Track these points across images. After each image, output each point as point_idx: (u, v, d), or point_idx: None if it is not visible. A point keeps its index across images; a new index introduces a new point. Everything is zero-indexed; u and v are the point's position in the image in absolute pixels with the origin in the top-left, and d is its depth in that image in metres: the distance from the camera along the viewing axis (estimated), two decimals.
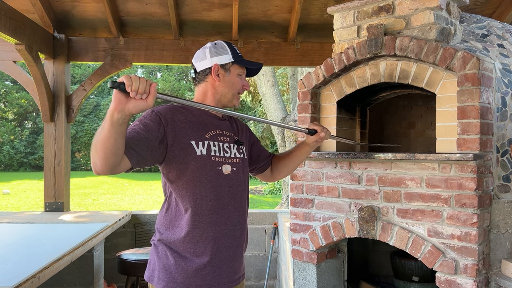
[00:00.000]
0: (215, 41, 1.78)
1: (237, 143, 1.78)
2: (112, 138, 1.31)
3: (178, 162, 1.61)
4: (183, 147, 1.61)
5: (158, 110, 1.63)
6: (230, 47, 1.76)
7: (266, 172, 2.05)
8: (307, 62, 4.77)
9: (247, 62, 1.79)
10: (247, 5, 4.29)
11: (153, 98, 1.28)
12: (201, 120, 1.71)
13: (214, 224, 1.65)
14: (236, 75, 1.76)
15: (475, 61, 2.05)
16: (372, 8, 2.49)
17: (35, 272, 2.24)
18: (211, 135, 1.70)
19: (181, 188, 1.63)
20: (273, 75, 10.10)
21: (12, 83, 25.77)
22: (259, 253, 4.45)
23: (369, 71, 2.49)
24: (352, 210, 2.46)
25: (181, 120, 1.64)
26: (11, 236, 3.23)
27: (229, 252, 1.70)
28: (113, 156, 1.35)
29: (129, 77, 1.24)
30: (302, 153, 2.01)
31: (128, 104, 1.26)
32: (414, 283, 2.77)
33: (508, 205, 2.16)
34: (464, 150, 2.08)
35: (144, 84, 1.25)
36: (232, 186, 1.71)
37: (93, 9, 4.29)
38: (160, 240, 1.68)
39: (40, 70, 4.06)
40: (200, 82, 1.76)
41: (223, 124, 1.79)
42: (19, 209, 11.49)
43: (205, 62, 1.73)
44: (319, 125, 1.93)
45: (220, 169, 1.68)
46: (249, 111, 19.68)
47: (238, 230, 1.73)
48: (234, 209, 1.71)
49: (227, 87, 1.74)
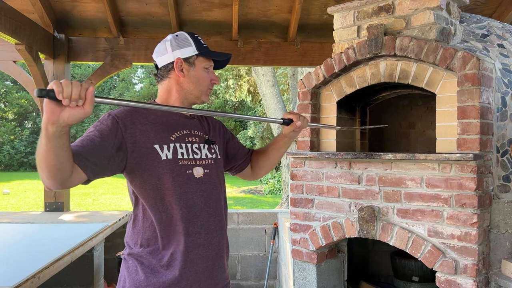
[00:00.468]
0: (176, 33, 1.62)
1: (207, 142, 1.63)
2: (52, 153, 1.17)
3: (142, 169, 1.46)
4: (146, 152, 1.46)
5: (116, 113, 1.47)
6: (194, 38, 1.60)
7: (246, 170, 1.89)
8: (307, 62, 4.78)
9: (213, 53, 1.63)
10: (247, 5, 4.29)
11: (90, 105, 1.12)
12: (165, 121, 1.55)
13: (186, 234, 1.49)
14: (202, 69, 1.59)
15: (475, 61, 2.05)
16: (372, 8, 2.49)
17: (35, 272, 2.24)
18: (177, 136, 1.55)
19: (147, 197, 1.48)
20: (273, 75, 10.11)
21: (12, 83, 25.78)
22: (259, 253, 4.45)
23: (369, 71, 2.49)
24: (352, 210, 2.46)
25: (142, 122, 1.49)
26: (11, 236, 3.23)
27: (207, 263, 1.55)
28: (59, 171, 1.23)
29: (59, 82, 1.07)
30: (280, 145, 1.82)
31: (63, 114, 1.10)
32: (414, 283, 2.77)
33: (508, 205, 2.16)
34: (464, 150, 2.08)
35: (78, 88, 1.09)
36: (206, 190, 1.56)
37: (93, 9, 4.29)
38: (130, 254, 1.53)
39: (40, 70, 4.06)
40: (162, 79, 1.60)
41: (191, 123, 1.63)
42: (19, 209, 11.49)
43: (167, 56, 1.57)
44: (294, 114, 1.72)
45: (190, 172, 1.53)
46: (249, 111, 19.68)
47: (215, 238, 1.58)
48: (209, 216, 1.56)
49: (193, 83, 1.58)
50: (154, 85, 27.76)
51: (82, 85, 1.11)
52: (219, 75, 14.36)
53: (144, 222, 1.51)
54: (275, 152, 1.85)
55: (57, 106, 1.09)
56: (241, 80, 14.35)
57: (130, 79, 30.57)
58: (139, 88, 30.33)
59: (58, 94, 1.07)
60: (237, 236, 4.42)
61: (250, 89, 14.11)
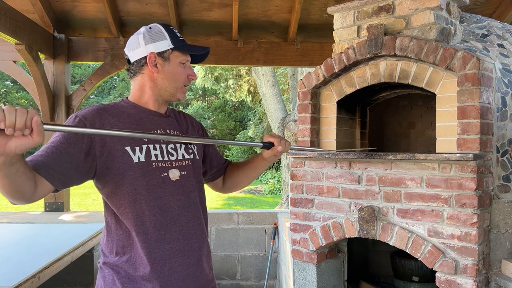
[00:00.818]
0: (150, 25, 1.50)
1: (185, 142, 1.53)
2: (7, 179, 1.10)
3: (113, 174, 1.36)
4: (117, 155, 1.36)
5: (83, 114, 1.37)
6: (169, 30, 1.48)
7: (217, 181, 1.76)
8: (307, 62, 4.78)
9: (189, 47, 1.51)
10: (247, 5, 4.29)
11: (39, 134, 1.01)
12: (137, 120, 1.44)
13: (162, 241, 1.41)
14: (178, 64, 1.48)
15: (475, 61, 2.05)
16: (372, 8, 2.49)
17: (35, 272, 2.24)
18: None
19: (119, 204, 1.38)
20: (273, 75, 10.12)
21: (12, 83, 25.78)
22: (259, 253, 4.45)
23: (369, 71, 2.49)
24: (352, 210, 2.46)
25: (112, 123, 1.39)
26: (11, 236, 3.23)
27: (188, 270, 1.46)
28: (18, 193, 1.16)
29: (0, 110, 0.97)
30: (257, 166, 1.69)
31: (10, 144, 1.00)
32: (414, 283, 2.77)
33: (508, 205, 2.16)
34: (464, 150, 2.07)
35: (23, 117, 0.98)
36: (183, 193, 1.46)
37: (93, 9, 4.29)
38: (105, 264, 1.44)
39: (40, 70, 4.06)
40: (135, 74, 1.48)
41: (166, 122, 1.51)
42: (19, 209, 11.49)
43: (139, 50, 1.45)
44: (276, 137, 1.58)
45: (166, 175, 1.43)
46: (249, 111, 19.68)
47: (195, 243, 1.48)
48: (188, 220, 1.47)
49: (167, 79, 1.47)
50: None
51: (28, 112, 0.99)
52: (219, 75, 14.37)
53: (117, 229, 1.42)
54: (250, 171, 1.73)
55: (2, 137, 0.99)
56: (241, 80, 14.35)
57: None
58: None
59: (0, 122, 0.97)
60: (237, 236, 4.42)
61: (250, 89, 14.12)
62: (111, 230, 1.44)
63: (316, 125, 2.72)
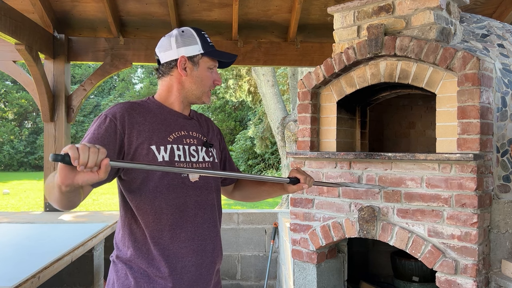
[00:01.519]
0: (182, 28, 1.55)
1: (205, 145, 1.57)
2: (66, 200, 1.20)
3: (139, 171, 1.41)
4: (143, 153, 1.41)
5: (113, 114, 1.42)
6: (200, 35, 1.53)
7: (228, 187, 1.81)
8: (307, 62, 4.78)
9: (219, 53, 1.57)
10: (247, 5, 4.29)
11: (105, 173, 1.10)
12: (163, 120, 1.50)
13: (177, 240, 1.45)
14: (206, 69, 1.54)
15: (475, 61, 2.05)
16: (372, 8, 2.49)
17: (35, 272, 2.24)
18: (175, 137, 1.49)
19: (139, 200, 1.43)
20: (273, 75, 10.11)
21: (12, 83, 25.78)
22: (259, 253, 4.45)
23: (369, 71, 2.49)
24: (352, 210, 2.46)
25: (139, 122, 1.44)
26: (11, 236, 3.23)
27: (201, 270, 1.49)
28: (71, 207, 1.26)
29: (75, 148, 1.05)
30: (274, 192, 1.75)
31: (77, 178, 1.09)
32: (414, 283, 2.77)
33: (508, 205, 2.16)
34: (464, 150, 2.07)
35: (95, 157, 1.07)
36: (201, 195, 1.50)
37: (93, 9, 4.29)
38: (118, 258, 1.47)
39: (40, 70, 4.06)
40: (164, 75, 1.54)
41: (190, 124, 1.57)
42: (19, 209, 11.49)
43: (170, 53, 1.51)
44: (302, 173, 1.64)
45: (186, 176, 1.47)
46: (249, 111, 19.68)
47: (210, 245, 1.52)
48: (203, 221, 1.51)
49: (195, 83, 1.52)
50: (154, 85, 27.77)
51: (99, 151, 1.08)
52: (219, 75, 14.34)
53: (132, 224, 1.46)
54: (264, 194, 1.79)
55: (71, 171, 1.08)
56: (241, 80, 14.34)
57: (130, 79, 30.58)
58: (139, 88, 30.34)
59: (74, 160, 1.05)
60: (237, 236, 4.42)
61: (250, 89, 14.10)
62: (126, 225, 1.47)
63: (316, 125, 2.72)
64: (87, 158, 1.05)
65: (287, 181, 1.64)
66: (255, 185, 1.80)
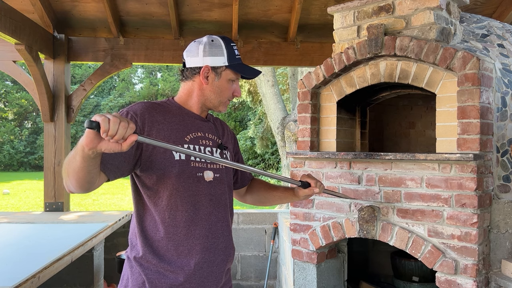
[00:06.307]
0: (213, 37, 1.59)
1: (220, 147, 1.62)
2: (85, 170, 1.21)
3: (156, 168, 1.46)
4: (160, 151, 1.46)
5: (134, 110, 1.48)
6: (228, 47, 1.57)
7: (240, 190, 1.86)
8: (307, 62, 4.78)
9: (242, 69, 1.60)
10: (247, 5, 4.29)
11: (128, 146, 1.15)
12: (181, 120, 1.55)
13: (191, 237, 1.49)
14: (227, 81, 1.58)
15: (475, 61, 2.05)
16: (372, 8, 2.49)
17: (35, 272, 2.24)
18: (192, 138, 1.54)
19: (155, 196, 1.48)
20: (273, 75, 10.10)
21: (12, 83, 25.78)
22: (259, 253, 4.45)
23: (369, 71, 2.49)
24: (352, 210, 2.46)
25: (159, 120, 1.50)
26: (11, 236, 3.23)
27: (212, 267, 1.53)
28: (87, 183, 1.27)
29: (107, 119, 1.09)
30: (286, 197, 1.81)
31: (101, 145, 1.13)
32: (414, 283, 2.77)
33: (508, 205, 2.16)
34: (464, 150, 2.07)
35: (123, 132, 1.11)
36: (215, 194, 1.55)
37: (93, 9, 4.29)
38: (132, 254, 1.53)
39: (40, 70, 4.06)
40: (187, 79, 1.60)
41: (206, 126, 1.62)
42: (19, 209, 11.49)
43: (196, 60, 1.56)
44: (313, 179, 1.70)
45: (201, 175, 1.52)
46: (249, 111, 19.68)
47: (222, 243, 1.57)
48: (217, 220, 1.55)
49: (214, 93, 1.58)
50: (154, 85, 27.76)
51: (129, 125, 1.12)
52: None
53: (147, 221, 1.50)
54: (275, 199, 1.86)
55: (97, 137, 1.12)
56: (241, 80, 14.34)
57: (130, 79, 30.56)
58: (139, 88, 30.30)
59: (103, 133, 1.09)
60: (237, 236, 4.42)
61: (250, 89, 14.10)
62: (141, 222, 1.51)
63: (316, 125, 2.72)
64: (115, 131, 1.10)
65: (299, 183, 1.70)
66: (268, 189, 1.86)
